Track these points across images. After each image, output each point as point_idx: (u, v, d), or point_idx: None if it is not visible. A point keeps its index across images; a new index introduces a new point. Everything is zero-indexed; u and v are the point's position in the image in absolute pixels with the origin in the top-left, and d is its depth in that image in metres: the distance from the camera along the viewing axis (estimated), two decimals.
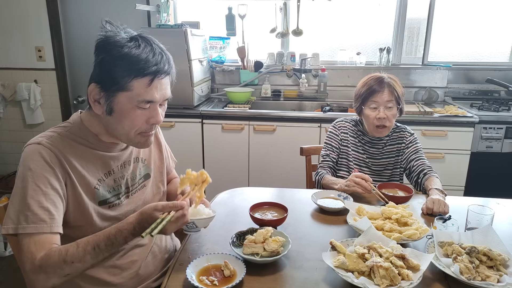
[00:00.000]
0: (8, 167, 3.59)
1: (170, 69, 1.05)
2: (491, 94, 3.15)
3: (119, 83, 0.98)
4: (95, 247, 0.95)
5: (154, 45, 1.03)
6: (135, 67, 0.97)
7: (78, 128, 1.08)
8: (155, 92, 1.01)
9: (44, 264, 0.92)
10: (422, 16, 3.19)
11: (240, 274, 1.01)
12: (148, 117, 1.04)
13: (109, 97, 1.00)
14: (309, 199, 1.49)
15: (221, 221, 1.36)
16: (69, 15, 3.35)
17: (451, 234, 1.14)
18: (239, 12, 3.19)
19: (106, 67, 0.99)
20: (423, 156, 1.74)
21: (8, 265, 2.49)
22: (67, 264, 0.93)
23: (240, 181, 2.86)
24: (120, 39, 0.99)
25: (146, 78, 0.99)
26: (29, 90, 3.34)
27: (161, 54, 1.02)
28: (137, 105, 1.01)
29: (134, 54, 0.98)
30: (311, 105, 3.16)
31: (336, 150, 1.81)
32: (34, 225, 0.94)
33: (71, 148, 1.05)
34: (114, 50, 0.98)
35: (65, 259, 0.93)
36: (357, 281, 0.95)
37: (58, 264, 0.92)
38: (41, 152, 0.99)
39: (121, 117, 1.02)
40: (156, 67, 1.00)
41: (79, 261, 0.93)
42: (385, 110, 1.66)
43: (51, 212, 0.97)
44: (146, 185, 1.24)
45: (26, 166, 0.98)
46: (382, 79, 1.69)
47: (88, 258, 0.94)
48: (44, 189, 0.97)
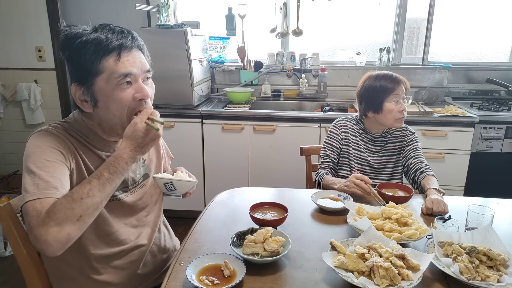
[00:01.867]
0: (9, 167, 3.59)
1: (135, 42, 1.04)
2: (491, 94, 3.15)
3: (91, 70, 0.99)
4: (100, 176, 0.93)
5: (112, 26, 1.03)
6: (99, 47, 0.98)
7: (79, 125, 1.09)
8: (128, 65, 1.01)
9: (51, 212, 0.86)
10: (422, 16, 3.19)
11: (240, 274, 1.01)
12: (133, 94, 1.03)
13: (89, 88, 1.01)
14: (309, 199, 1.49)
15: (221, 221, 1.36)
16: (69, 15, 3.35)
17: (451, 234, 1.14)
18: (239, 12, 3.19)
19: (74, 61, 1.00)
20: (421, 155, 1.76)
21: (10, 264, 2.49)
22: (75, 202, 0.88)
23: (240, 181, 2.86)
24: (78, 30, 1.00)
25: (113, 54, 0.99)
26: (29, 90, 3.35)
27: (121, 31, 1.03)
28: (116, 84, 1.00)
29: (94, 38, 0.99)
30: (311, 105, 3.16)
31: (337, 150, 1.81)
32: (46, 191, 0.90)
33: (75, 140, 1.06)
34: (76, 42, 0.98)
35: (73, 197, 0.88)
36: (357, 281, 0.95)
37: (67, 205, 0.87)
38: (49, 136, 1.00)
39: (107, 102, 1.02)
40: (119, 42, 1.00)
41: (87, 195, 0.89)
42: (403, 101, 1.73)
43: (61, 181, 0.94)
44: (145, 185, 1.24)
45: (33, 145, 0.98)
46: (391, 74, 1.75)
47: (96, 191, 0.91)
48: (53, 163, 0.96)
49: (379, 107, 1.72)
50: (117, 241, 1.15)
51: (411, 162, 1.74)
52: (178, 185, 1.12)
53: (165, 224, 1.41)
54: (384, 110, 1.71)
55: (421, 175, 1.66)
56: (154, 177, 1.16)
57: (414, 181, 1.71)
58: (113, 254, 1.15)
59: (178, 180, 1.11)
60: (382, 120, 1.74)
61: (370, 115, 1.76)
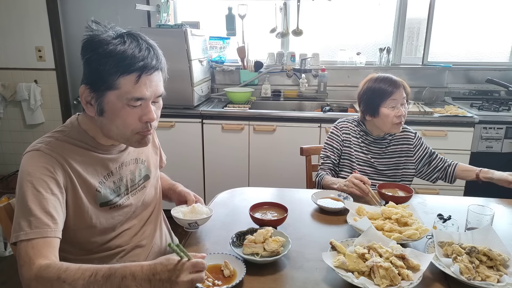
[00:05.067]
0: (8, 167, 3.59)
1: (159, 64, 1.01)
2: (491, 94, 3.15)
3: (107, 82, 0.96)
4: (93, 274, 0.83)
5: (140, 41, 1.00)
6: (121, 64, 0.95)
7: (76, 131, 1.07)
8: (144, 89, 0.98)
9: (39, 274, 0.85)
10: (422, 16, 3.19)
11: (240, 274, 1.01)
12: (140, 115, 1.01)
13: (99, 97, 0.99)
14: (309, 199, 1.49)
15: (221, 221, 1.36)
16: (69, 15, 3.35)
17: (451, 234, 1.14)
18: (239, 12, 3.19)
19: (93, 66, 0.97)
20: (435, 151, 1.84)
21: (9, 265, 2.49)
22: (59, 282, 0.83)
23: (240, 181, 2.86)
24: (106, 37, 0.97)
25: (133, 75, 0.96)
26: (29, 90, 3.35)
27: (148, 49, 0.99)
28: (127, 103, 0.98)
29: (119, 51, 0.95)
30: (311, 105, 3.16)
31: (337, 151, 1.80)
32: (38, 230, 0.90)
33: (71, 151, 1.03)
34: (100, 49, 0.96)
35: (60, 276, 0.84)
36: (357, 281, 0.95)
37: (52, 279, 0.84)
38: (40, 158, 0.98)
39: (113, 116, 1.00)
40: (143, 63, 0.97)
41: (70, 283, 0.83)
42: (401, 107, 1.71)
43: (53, 217, 0.93)
44: (146, 186, 1.24)
45: (25, 172, 0.96)
46: (391, 78, 1.73)
47: (79, 283, 0.83)
48: (45, 194, 0.95)
49: (375, 111, 1.71)
50: (118, 242, 1.16)
51: (436, 161, 1.80)
52: (201, 222, 1.22)
53: (166, 224, 1.41)
54: (381, 114, 1.70)
55: (449, 168, 1.77)
56: (178, 218, 1.22)
57: (446, 177, 1.79)
58: (114, 254, 1.15)
59: (201, 219, 1.22)
60: (379, 124, 1.74)
61: (368, 118, 1.76)
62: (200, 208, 1.26)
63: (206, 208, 1.28)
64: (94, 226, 1.08)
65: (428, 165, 1.81)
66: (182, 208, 1.27)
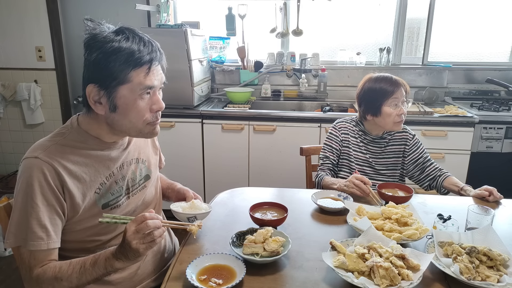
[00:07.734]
0: (8, 167, 3.59)
1: (162, 56, 1.07)
2: (491, 94, 3.15)
3: (119, 77, 0.99)
4: (82, 265, 0.98)
5: (141, 35, 1.04)
6: (131, 58, 0.99)
7: (76, 132, 1.07)
8: (153, 78, 1.03)
9: (40, 279, 0.98)
10: (422, 16, 3.18)
11: (240, 274, 1.01)
12: (150, 105, 1.05)
13: (111, 93, 1.00)
14: (309, 199, 1.49)
15: (221, 221, 1.36)
16: (69, 15, 3.35)
17: (451, 234, 1.14)
18: (239, 12, 3.19)
19: (102, 64, 0.98)
20: (432, 159, 1.81)
21: (8, 264, 2.49)
22: (57, 281, 0.97)
23: (240, 181, 2.86)
24: (108, 35, 1.00)
25: (144, 67, 1.01)
26: (29, 90, 3.34)
27: (150, 43, 1.04)
28: (139, 94, 1.02)
29: (126, 47, 0.99)
30: (311, 105, 3.16)
31: (336, 152, 1.81)
32: (32, 243, 0.98)
33: (71, 154, 1.04)
34: (106, 46, 0.98)
35: (56, 275, 0.98)
36: (357, 281, 0.95)
37: (51, 280, 0.98)
38: (38, 168, 0.98)
39: (127, 110, 1.03)
40: (150, 56, 1.02)
41: (66, 279, 0.97)
42: (402, 105, 1.72)
43: (48, 230, 0.99)
44: (146, 186, 1.25)
45: (24, 182, 0.99)
46: (391, 77, 1.74)
47: (74, 277, 0.98)
48: (41, 206, 0.98)
49: (377, 110, 1.71)
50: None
51: (429, 169, 1.78)
52: (199, 217, 1.23)
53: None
54: (383, 113, 1.71)
55: (439, 178, 1.75)
56: (177, 212, 1.22)
57: (434, 186, 1.77)
58: None
59: (200, 214, 1.23)
60: (381, 123, 1.74)
61: (369, 118, 1.76)
62: (199, 204, 1.27)
63: (205, 205, 1.28)
64: (95, 226, 1.08)
65: (421, 172, 1.80)
66: (181, 204, 1.27)
